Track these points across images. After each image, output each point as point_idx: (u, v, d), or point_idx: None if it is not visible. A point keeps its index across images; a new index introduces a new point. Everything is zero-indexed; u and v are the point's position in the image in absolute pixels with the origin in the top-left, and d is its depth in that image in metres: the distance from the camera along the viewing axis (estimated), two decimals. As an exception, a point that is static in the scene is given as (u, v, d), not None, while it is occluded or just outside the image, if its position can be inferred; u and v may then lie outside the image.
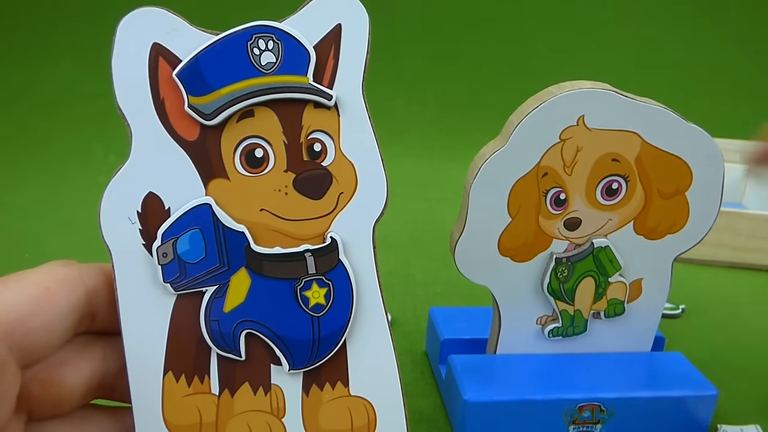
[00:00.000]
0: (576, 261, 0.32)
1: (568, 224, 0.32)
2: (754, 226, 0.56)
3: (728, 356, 0.42)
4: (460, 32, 0.95)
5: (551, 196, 0.31)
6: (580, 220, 0.31)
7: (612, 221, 0.32)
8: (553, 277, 0.32)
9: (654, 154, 0.31)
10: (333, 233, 0.24)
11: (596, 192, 0.31)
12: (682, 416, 0.33)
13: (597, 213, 0.32)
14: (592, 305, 0.34)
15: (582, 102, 0.29)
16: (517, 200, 0.31)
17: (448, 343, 0.37)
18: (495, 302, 0.33)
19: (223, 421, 0.24)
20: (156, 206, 0.23)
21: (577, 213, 0.31)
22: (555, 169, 0.30)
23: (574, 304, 0.34)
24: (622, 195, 0.31)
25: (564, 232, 0.32)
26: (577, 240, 0.32)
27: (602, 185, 0.31)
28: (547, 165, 0.30)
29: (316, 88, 0.23)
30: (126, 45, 0.22)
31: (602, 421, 0.32)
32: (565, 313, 0.34)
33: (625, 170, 0.31)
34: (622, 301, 0.34)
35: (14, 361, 0.20)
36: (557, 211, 0.31)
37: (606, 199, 0.31)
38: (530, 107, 0.29)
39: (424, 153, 0.84)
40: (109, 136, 0.74)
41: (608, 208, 0.32)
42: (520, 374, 0.33)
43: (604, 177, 0.31)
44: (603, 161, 0.31)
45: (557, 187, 0.31)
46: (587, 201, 0.31)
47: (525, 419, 0.32)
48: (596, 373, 0.34)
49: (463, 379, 0.33)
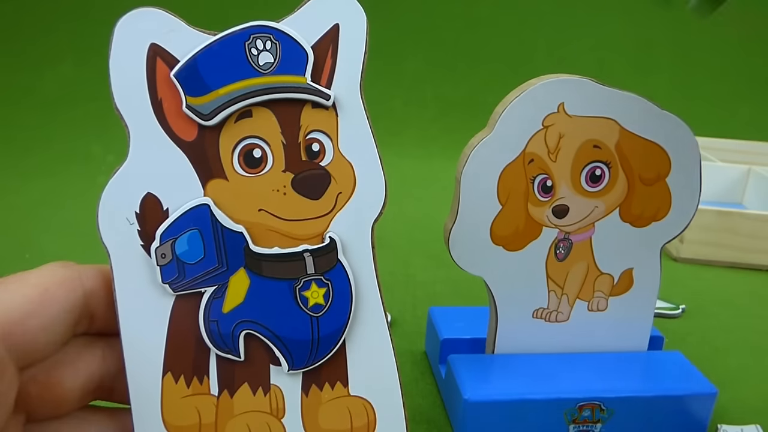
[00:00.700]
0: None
1: (556, 211, 0.32)
2: (754, 226, 0.56)
3: (728, 356, 0.42)
4: (459, 33, 0.95)
5: (538, 182, 0.32)
6: (567, 208, 0.32)
7: (598, 208, 0.33)
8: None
9: (632, 140, 0.32)
10: (332, 233, 0.24)
11: (581, 178, 0.32)
12: (682, 415, 0.33)
13: (583, 200, 0.33)
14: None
15: (561, 90, 0.31)
16: (506, 187, 0.32)
17: (447, 342, 0.37)
18: (491, 296, 0.34)
19: (222, 422, 0.24)
20: (154, 207, 0.23)
21: (565, 200, 0.32)
22: (540, 156, 0.31)
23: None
24: (605, 181, 0.32)
25: (553, 219, 0.33)
26: (566, 228, 0.33)
27: (586, 171, 0.32)
28: (532, 151, 0.31)
29: (314, 88, 0.23)
30: (123, 45, 0.22)
31: (602, 420, 0.32)
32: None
33: (606, 156, 0.32)
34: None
35: (13, 362, 0.20)
36: (545, 198, 0.32)
37: (591, 185, 0.32)
38: (513, 96, 0.31)
39: (423, 153, 0.84)
40: (108, 136, 0.74)
41: (593, 195, 0.33)
42: (519, 373, 0.33)
43: (588, 163, 0.32)
44: (585, 147, 0.32)
45: (543, 173, 0.32)
46: (573, 188, 0.32)
47: (525, 419, 0.32)
48: (596, 372, 0.34)
49: (463, 378, 0.33)
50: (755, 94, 0.96)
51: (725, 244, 0.56)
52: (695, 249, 0.57)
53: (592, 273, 0.34)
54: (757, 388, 0.38)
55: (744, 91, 0.96)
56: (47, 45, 0.92)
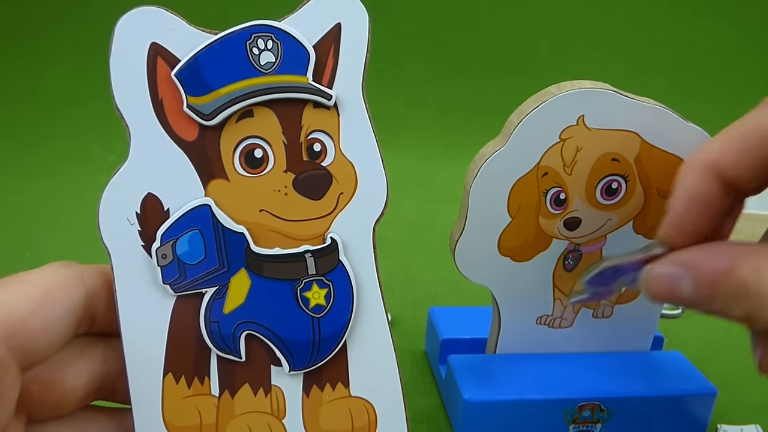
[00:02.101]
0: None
1: (567, 224, 0.32)
2: (754, 226, 0.56)
3: (728, 356, 0.41)
4: (460, 33, 0.95)
5: (551, 195, 0.31)
6: (579, 220, 0.31)
7: (611, 221, 0.32)
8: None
9: (653, 153, 0.31)
10: (333, 234, 0.24)
11: (596, 192, 0.31)
12: (682, 415, 0.33)
13: (597, 213, 0.32)
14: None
15: (582, 102, 0.29)
16: (517, 200, 0.31)
17: (447, 342, 0.37)
18: (495, 302, 0.33)
19: (223, 423, 0.24)
20: (155, 207, 0.23)
21: (577, 213, 0.31)
22: (555, 169, 0.30)
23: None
24: (621, 195, 0.31)
25: (564, 231, 0.32)
26: (576, 240, 0.32)
27: (602, 185, 0.31)
28: (547, 165, 0.30)
29: (316, 88, 0.23)
30: (124, 45, 0.22)
31: (602, 420, 0.32)
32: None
33: (624, 170, 0.31)
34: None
35: (14, 362, 0.20)
36: (557, 211, 0.31)
37: (606, 198, 0.31)
38: (530, 107, 0.29)
39: (424, 153, 0.84)
40: (109, 135, 0.74)
41: (608, 208, 0.32)
42: (519, 374, 0.33)
43: (604, 177, 0.31)
44: (603, 161, 0.31)
45: (557, 186, 0.31)
46: (587, 201, 0.31)
47: (525, 419, 0.32)
48: (596, 372, 0.34)
49: (463, 378, 0.33)
50: (755, 94, 0.96)
51: (725, 245, 0.56)
52: (695, 249, 0.57)
53: None
54: (757, 388, 0.38)
55: (744, 91, 0.96)
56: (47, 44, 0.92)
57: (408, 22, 0.94)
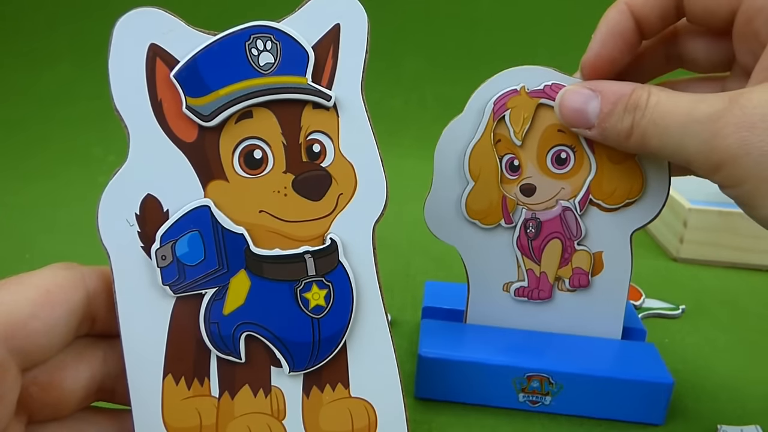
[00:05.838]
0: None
1: (523, 190, 0.34)
2: (754, 226, 0.56)
3: (728, 356, 0.42)
4: (459, 33, 0.95)
5: (506, 161, 0.34)
6: (534, 187, 0.34)
7: (565, 189, 0.34)
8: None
9: None
10: (333, 234, 0.24)
11: (546, 160, 0.34)
12: (636, 401, 0.33)
13: (550, 180, 0.34)
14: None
15: (524, 75, 0.33)
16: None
17: (428, 310, 0.38)
18: (465, 268, 0.35)
19: (223, 424, 0.24)
20: (154, 208, 0.23)
21: (531, 179, 0.34)
22: (507, 137, 0.33)
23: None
24: (571, 164, 0.34)
25: (521, 197, 0.34)
26: (534, 206, 0.34)
27: (551, 154, 0.33)
28: (499, 132, 0.33)
29: (315, 89, 0.23)
30: (123, 46, 0.22)
31: (551, 393, 0.33)
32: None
33: (570, 141, 0.33)
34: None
35: (15, 363, 0.20)
36: (513, 176, 0.34)
37: (557, 167, 0.34)
38: (482, 83, 0.34)
39: (424, 154, 0.84)
40: (109, 136, 0.74)
41: (560, 177, 0.34)
42: (480, 341, 0.35)
43: (553, 146, 0.33)
44: (550, 131, 0.33)
45: (510, 153, 0.34)
46: (539, 168, 0.34)
47: (475, 381, 0.33)
48: (554, 348, 0.34)
49: (425, 338, 0.34)
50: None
51: (725, 244, 0.56)
52: (695, 249, 0.57)
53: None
54: (756, 389, 0.38)
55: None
56: (47, 45, 0.92)
57: (408, 22, 0.94)
